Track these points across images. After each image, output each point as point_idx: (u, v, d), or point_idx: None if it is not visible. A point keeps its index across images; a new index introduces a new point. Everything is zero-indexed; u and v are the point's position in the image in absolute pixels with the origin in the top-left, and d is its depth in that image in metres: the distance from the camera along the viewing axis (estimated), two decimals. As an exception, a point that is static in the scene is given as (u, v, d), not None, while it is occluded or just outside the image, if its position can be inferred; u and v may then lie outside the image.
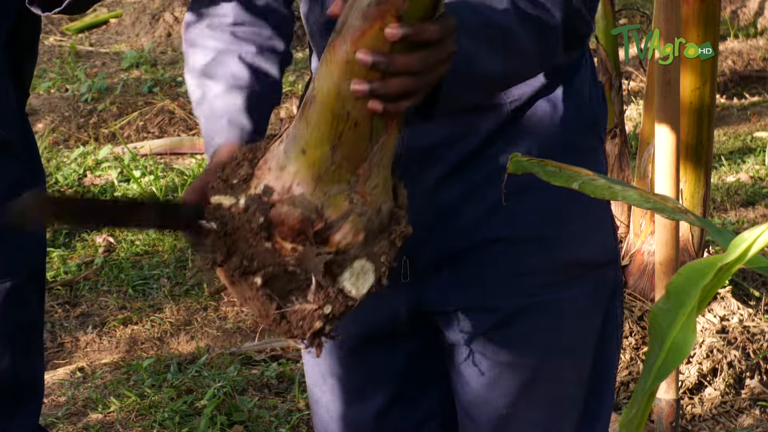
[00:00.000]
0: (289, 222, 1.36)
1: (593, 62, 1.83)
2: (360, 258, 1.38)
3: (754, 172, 5.22)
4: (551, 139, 1.74)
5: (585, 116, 1.78)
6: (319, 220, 1.36)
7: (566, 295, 1.79)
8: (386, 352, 1.87)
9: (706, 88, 3.39)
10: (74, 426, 3.48)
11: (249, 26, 1.76)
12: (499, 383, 1.81)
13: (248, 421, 3.42)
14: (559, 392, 1.82)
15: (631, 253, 3.68)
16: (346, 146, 1.35)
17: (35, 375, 2.24)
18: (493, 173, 1.73)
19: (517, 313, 1.78)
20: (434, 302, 1.81)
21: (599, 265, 1.81)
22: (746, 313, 3.60)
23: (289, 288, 1.39)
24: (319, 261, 1.37)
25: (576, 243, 1.79)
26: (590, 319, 1.82)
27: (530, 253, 1.77)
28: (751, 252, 1.04)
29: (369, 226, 1.38)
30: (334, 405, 1.91)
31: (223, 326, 4.04)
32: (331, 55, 1.33)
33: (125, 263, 4.51)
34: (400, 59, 1.30)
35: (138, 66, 6.86)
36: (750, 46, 7.03)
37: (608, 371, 1.87)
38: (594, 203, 1.79)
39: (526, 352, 1.80)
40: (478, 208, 1.75)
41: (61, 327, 4.09)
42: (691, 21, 3.31)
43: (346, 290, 1.39)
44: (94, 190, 5.20)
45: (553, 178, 1.26)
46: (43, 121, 6.08)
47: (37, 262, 2.21)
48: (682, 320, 1.03)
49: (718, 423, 3.35)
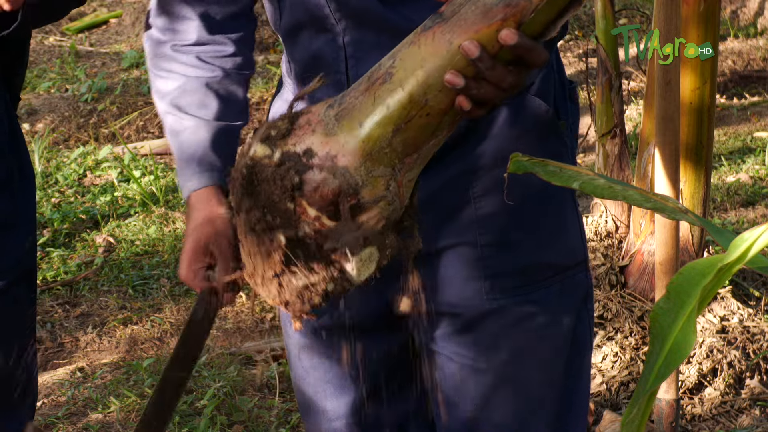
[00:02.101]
0: (323, 190, 1.33)
1: (561, 65, 1.82)
2: (372, 245, 1.36)
3: (754, 172, 5.22)
4: (513, 144, 1.73)
5: (547, 121, 1.77)
6: (353, 197, 1.33)
7: (533, 298, 1.79)
8: (363, 348, 1.88)
9: (706, 88, 3.39)
10: (74, 426, 3.48)
11: (212, 45, 1.77)
12: (467, 386, 1.82)
13: (248, 421, 3.42)
14: (529, 394, 1.82)
15: (631, 253, 3.68)
16: (409, 133, 1.33)
17: (29, 375, 2.23)
18: (457, 177, 1.73)
19: (483, 316, 1.78)
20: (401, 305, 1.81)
21: (567, 268, 1.81)
22: (746, 313, 3.60)
23: (295, 254, 1.36)
24: (352, 237, 1.34)
25: (542, 246, 1.79)
26: (559, 322, 1.82)
27: (495, 256, 1.77)
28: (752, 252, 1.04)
29: (391, 216, 1.37)
30: (317, 398, 1.93)
31: (223, 326, 4.04)
32: (427, 39, 1.30)
33: (125, 263, 4.51)
34: (501, 68, 1.30)
35: (138, 66, 6.85)
36: (750, 46, 7.03)
37: (582, 372, 1.87)
38: (560, 207, 1.80)
39: (493, 354, 1.80)
40: (441, 212, 1.75)
41: (61, 327, 4.09)
42: (691, 21, 3.31)
43: (350, 273, 1.37)
44: (94, 190, 5.20)
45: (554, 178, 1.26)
46: (43, 121, 6.08)
47: (28, 262, 2.20)
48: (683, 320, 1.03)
49: (718, 423, 3.35)
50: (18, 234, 2.16)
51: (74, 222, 4.88)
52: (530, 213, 1.77)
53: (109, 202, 5.06)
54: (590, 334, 1.89)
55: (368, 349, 1.89)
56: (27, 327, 2.22)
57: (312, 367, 1.91)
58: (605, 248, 3.74)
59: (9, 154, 2.15)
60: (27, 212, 2.19)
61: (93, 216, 4.93)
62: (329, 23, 1.69)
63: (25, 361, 2.22)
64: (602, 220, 3.81)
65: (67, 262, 4.53)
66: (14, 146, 2.17)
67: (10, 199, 2.15)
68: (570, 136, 1.82)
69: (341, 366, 1.90)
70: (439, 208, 1.74)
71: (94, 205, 5.04)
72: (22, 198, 2.18)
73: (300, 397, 1.98)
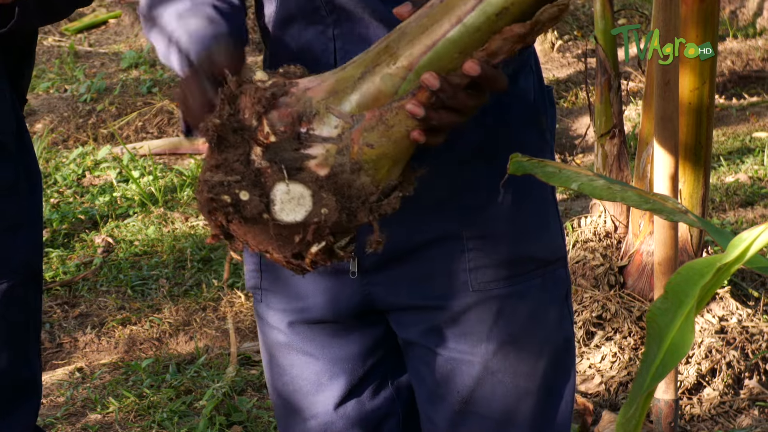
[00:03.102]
0: (282, 111, 1.37)
1: (539, 67, 1.85)
2: (306, 186, 1.36)
3: (753, 172, 5.22)
4: (496, 137, 1.75)
5: (529, 115, 1.80)
6: (305, 124, 1.37)
7: (515, 290, 1.80)
8: (341, 343, 1.89)
9: (705, 89, 3.39)
10: (73, 426, 3.48)
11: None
12: (451, 379, 1.83)
13: (247, 422, 3.42)
14: (513, 387, 1.83)
15: (630, 254, 3.68)
16: (372, 80, 1.37)
17: (33, 375, 2.24)
18: (439, 170, 1.73)
19: (467, 309, 1.80)
20: (384, 300, 1.82)
21: (549, 262, 1.83)
22: (745, 314, 3.60)
23: (224, 146, 1.39)
24: (291, 156, 1.36)
25: (525, 239, 1.81)
26: (542, 315, 1.84)
27: (478, 249, 1.78)
28: (750, 252, 1.04)
29: (337, 173, 1.37)
30: (294, 397, 1.93)
31: (222, 327, 4.04)
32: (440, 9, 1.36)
33: (124, 264, 4.51)
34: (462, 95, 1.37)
35: (137, 66, 6.86)
36: (749, 46, 7.03)
37: (565, 368, 1.88)
38: (541, 204, 1.82)
39: (477, 347, 1.81)
40: (422, 206, 1.75)
41: (60, 327, 4.09)
42: (689, 21, 3.31)
43: (272, 202, 1.37)
44: (93, 190, 5.20)
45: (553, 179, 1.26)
46: (42, 121, 6.08)
47: (34, 263, 2.21)
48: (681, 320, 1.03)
49: (716, 423, 3.35)
50: (26, 235, 2.17)
51: (73, 222, 4.88)
52: (515, 207, 1.79)
53: (107, 202, 5.06)
54: (572, 330, 1.91)
55: (347, 345, 1.89)
56: (33, 327, 2.23)
57: (288, 364, 1.91)
58: (604, 248, 3.74)
59: (17, 155, 2.15)
60: (34, 213, 2.20)
61: (92, 216, 4.93)
62: (319, 15, 1.71)
63: (30, 361, 2.22)
64: (601, 220, 3.81)
65: (66, 263, 4.53)
66: (21, 147, 2.17)
67: (17, 200, 2.15)
68: (549, 133, 1.84)
69: (317, 363, 1.90)
70: (427, 198, 1.74)
71: (93, 206, 5.04)
72: (29, 199, 2.18)
73: (275, 397, 1.96)
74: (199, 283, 4.33)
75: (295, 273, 1.46)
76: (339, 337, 1.88)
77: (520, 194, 1.78)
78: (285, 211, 1.37)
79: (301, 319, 1.87)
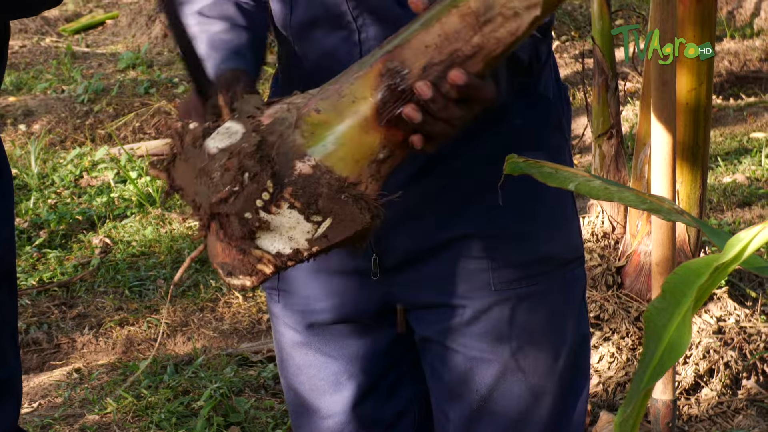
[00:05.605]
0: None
1: (556, 64, 1.85)
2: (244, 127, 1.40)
3: (751, 172, 5.22)
4: (520, 137, 1.76)
5: (551, 115, 1.81)
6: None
7: (536, 290, 1.81)
8: (359, 343, 1.89)
9: (703, 89, 3.39)
10: (71, 427, 3.48)
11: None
12: (470, 378, 1.83)
13: (245, 422, 3.42)
14: (531, 386, 1.84)
15: (628, 254, 3.68)
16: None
17: (11, 375, 2.21)
18: (462, 171, 1.74)
19: (488, 308, 1.80)
20: (404, 299, 1.83)
21: (569, 261, 1.84)
22: (743, 314, 3.60)
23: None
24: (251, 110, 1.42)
25: (545, 238, 1.81)
26: (561, 314, 1.85)
27: (500, 248, 1.79)
28: (747, 252, 1.04)
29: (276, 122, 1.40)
30: (311, 396, 1.93)
31: (220, 327, 4.04)
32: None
33: (122, 264, 4.50)
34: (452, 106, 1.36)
35: (134, 67, 6.85)
36: (746, 46, 7.04)
37: (582, 367, 1.89)
38: (559, 204, 1.83)
39: (497, 346, 1.82)
40: (446, 205, 1.76)
41: (58, 328, 4.09)
42: (687, 21, 3.31)
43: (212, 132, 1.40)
44: (90, 191, 5.20)
45: (549, 179, 1.26)
46: (40, 122, 6.08)
47: (7, 262, 2.18)
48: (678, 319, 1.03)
49: (714, 423, 3.35)
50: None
51: (71, 223, 4.88)
52: (535, 207, 1.80)
53: (105, 203, 5.06)
54: (588, 329, 1.92)
55: (365, 345, 1.89)
56: (8, 327, 2.19)
57: (305, 364, 1.91)
58: (602, 249, 3.74)
59: None
60: (4, 211, 2.16)
61: (89, 217, 4.93)
62: (346, 20, 1.69)
63: (6, 361, 2.19)
64: (599, 220, 3.81)
65: (64, 264, 4.53)
66: None
67: None
68: (567, 132, 1.86)
69: (335, 362, 1.89)
70: (447, 199, 1.74)
71: (90, 207, 5.04)
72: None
73: (291, 397, 1.97)
74: (197, 283, 4.33)
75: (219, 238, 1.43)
76: (357, 337, 1.89)
77: (541, 193, 1.79)
78: (215, 140, 1.39)
79: (320, 320, 1.87)
